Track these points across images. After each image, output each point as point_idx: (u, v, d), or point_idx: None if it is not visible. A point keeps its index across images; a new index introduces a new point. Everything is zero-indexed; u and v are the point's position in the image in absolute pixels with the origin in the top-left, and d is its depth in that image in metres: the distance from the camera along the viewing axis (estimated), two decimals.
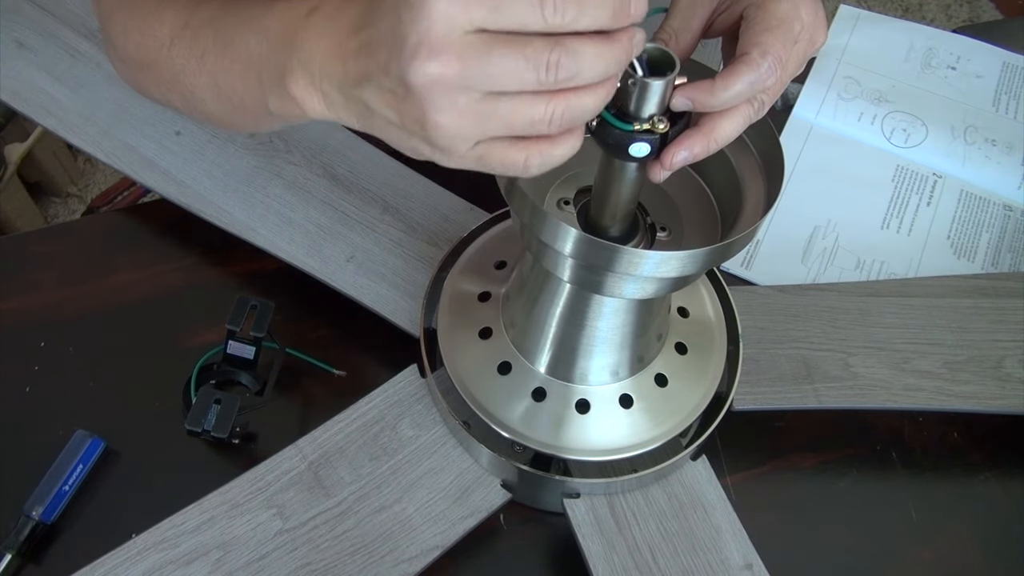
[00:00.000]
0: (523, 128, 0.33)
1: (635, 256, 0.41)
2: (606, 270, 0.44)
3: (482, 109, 0.32)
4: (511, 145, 0.34)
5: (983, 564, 0.60)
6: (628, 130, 0.38)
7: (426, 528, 0.54)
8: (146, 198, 1.38)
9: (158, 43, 0.48)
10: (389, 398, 0.58)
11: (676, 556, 0.54)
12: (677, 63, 0.38)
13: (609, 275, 0.45)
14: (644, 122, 0.38)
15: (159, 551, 0.52)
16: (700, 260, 0.42)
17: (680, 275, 0.44)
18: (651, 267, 0.42)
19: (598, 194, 0.46)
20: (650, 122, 0.38)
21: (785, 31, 0.39)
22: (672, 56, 0.38)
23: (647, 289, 0.46)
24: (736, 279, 0.72)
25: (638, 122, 0.38)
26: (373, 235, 0.65)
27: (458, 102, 0.32)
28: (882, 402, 0.60)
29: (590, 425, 0.54)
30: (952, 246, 0.76)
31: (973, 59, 0.89)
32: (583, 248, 0.42)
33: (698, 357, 0.58)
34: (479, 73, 0.31)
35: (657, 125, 0.38)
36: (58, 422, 0.59)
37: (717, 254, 0.42)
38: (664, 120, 0.38)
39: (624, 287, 0.46)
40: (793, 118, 0.83)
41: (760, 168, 0.47)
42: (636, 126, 0.38)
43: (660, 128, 0.38)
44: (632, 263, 0.42)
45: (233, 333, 0.60)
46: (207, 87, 0.46)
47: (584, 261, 0.44)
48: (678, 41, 0.43)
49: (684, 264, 0.42)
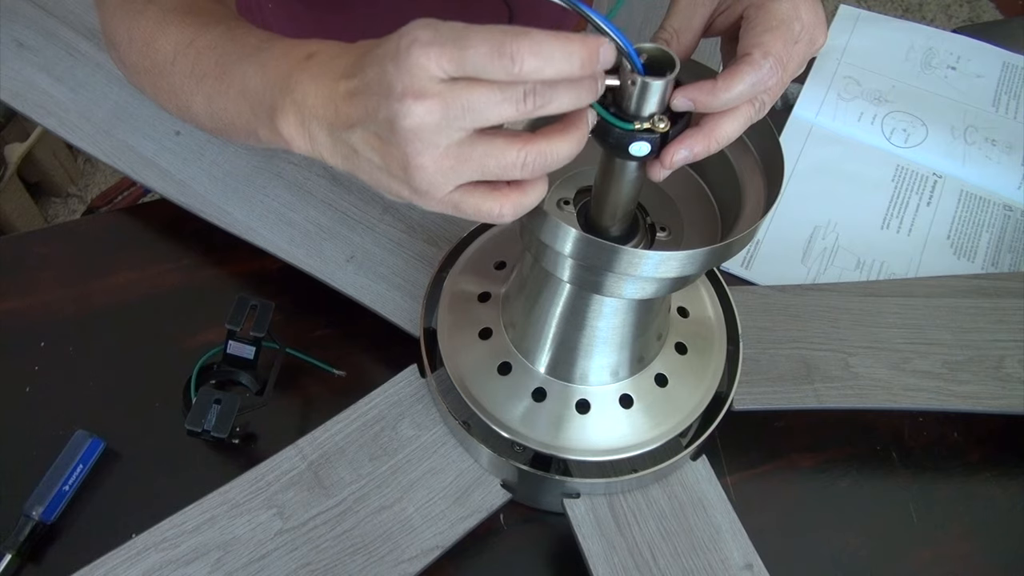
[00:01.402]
0: (497, 171, 0.35)
1: (635, 256, 0.41)
2: (606, 270, 0.44)
3: (461, 152, 0.35)
4: (486, 194, 0.37)
5: (983, 564, 0.60)
6: (628, 129, 0.38)
7: (426, 528, 0.54)
8: (146, 198, 1.38)
9: (162, 56, 0.49)
10: (389, 398, 0.58)
11: (676, 556, 0.54)
12: (677, 63, 0.38)
13: (609, 275, 0.45)
14: (644, 121, 0.38)
15: (159, 551, 0.52)
16: (700, 260, 0.42)
17: (680, 275, 0.44)
18: (651, 267, 0.42)
19: (598, 194, 0.46)
20: (650, 121, 0.38)
21: (786, 31, 0.40)
22: (672, 56, 0.38)
23: (647, 289, 0.46)
24: (736, 279, 0.72)
25: (638, 121, 0.38)
26: (373, 235, 0.65)
27: (439, 144, 0.34)
28: (882, 402, 0.60)
29: (590, 425, 0.54)
30: (952, 246, 0.76)
31: (973, 59, 0.89)
32: (583, 248, 0.42)
33: (698, 357, 0.58)
34: (459, 109, 0.33)
35: (657, 124, 0.38)
36: (58, 422, 0.59)
37: (717, 254, 0.42)
38: (664, 119, 0.39)
39: (624, 287, 0.46)
40: (793, 118, 0.83)
41: (760, 168, 0.48)
42: (636, 125, 0.38)
43: (660, 127, 0.38)
44: (632, 263, 0.42)
45: (233, 333, 0.60)
46: (202, 106, 0.48)
47: (584, 261, 0.44)
48: (679, 41, 0.43)
49: (684, 264, 0.42)
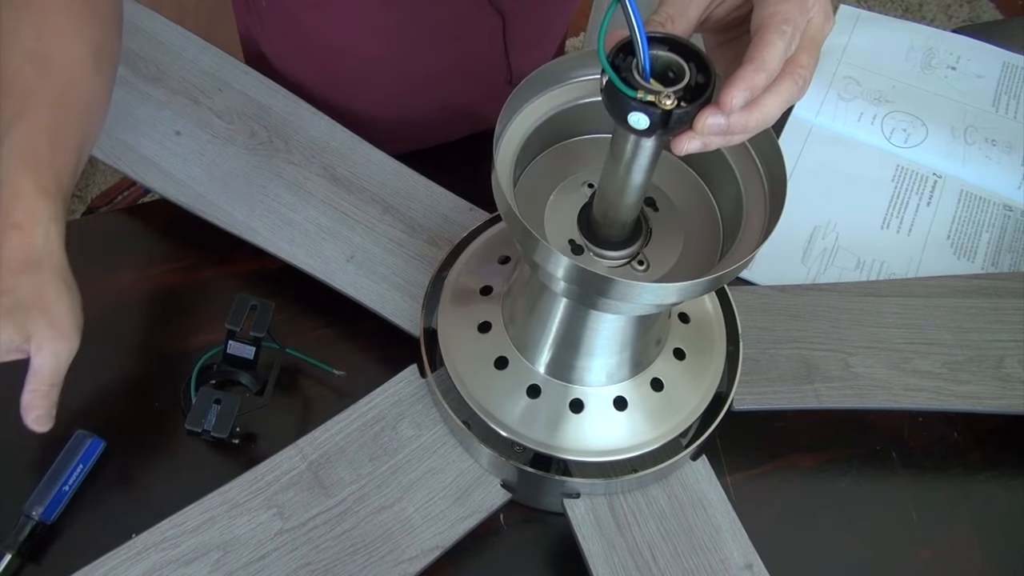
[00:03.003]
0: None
1: (629, 287, 0.41)
2: (599, 296, 0.44)
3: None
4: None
5: (983, 564, 0.60)
6: (632, 96, 0.36)
7: (426, 528, 0.54)
8: (146, 198, 1.38)
9: None
10: (389, 398, 0.58)
11: (676, 556, 0.54)
12: (687, 72, 0.37)
13: (601, 300, 0.45)
14: (650, 93, 0.36)
15: (159, 551, 0.52)
16: (694, 291, 0.42)
17: (677, 302, 0.43)
18: (648, 296, 0.42)
19: (602, 193, 0.46)
20: (655, 97, 0.36)
21: (799, 2, 0.38)
22: (682, 64, 0.37)
23: (643, 309, 0.46)
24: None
25: (643, 91, 0.36)
26: (373, 235, 0.65)
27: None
28: (882, 402, 0.60)
29: (585, 425, 0.54)
30: (952, 246, 0.76)
31: (973, 59, 0.89)
32: (576, 275, 0.42)
33: (696, 363, 0.57)
34: None
35: (663, 101, 0.36)
36: (58, 422, 0.59)
37: (712, 284, 0.42)
38: (672, 97, 0.36)
39: (620, 308, 0.46)
40: (793, 118, 0.83)
41: (765, 193, 0.47)
42: (640, 94, 0.36)
43: (666, 104, 0.36)
44: (627, 293, 0.41)
45: (233, 333, 0.60)
46: None
47: (578, 287, 0.44)
48: (673, 27, 0.41)
49: (681, 293, 0.42)
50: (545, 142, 0.50)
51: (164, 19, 0.72)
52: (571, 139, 0.51)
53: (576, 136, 0.51)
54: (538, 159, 0.51)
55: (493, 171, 0.44)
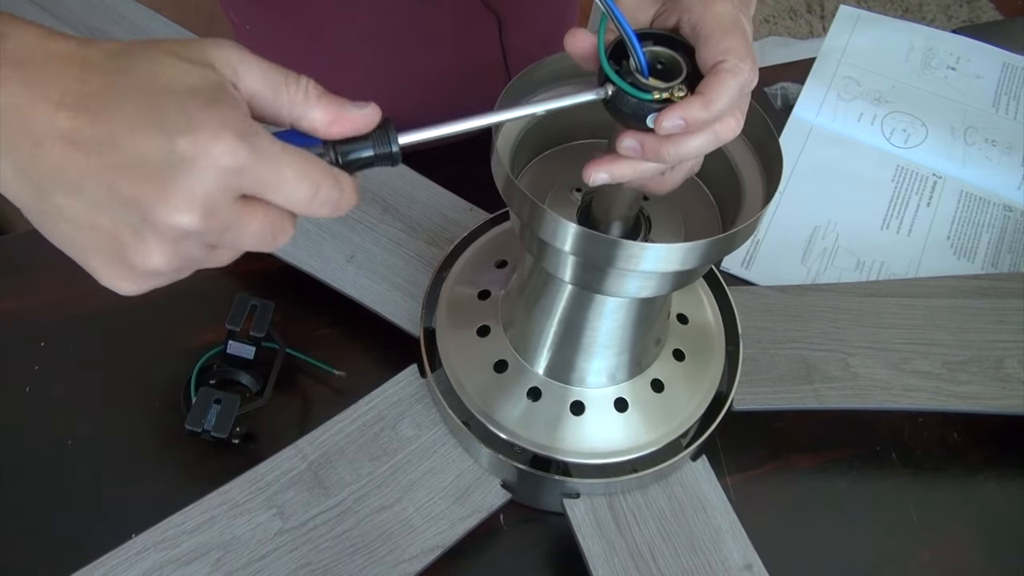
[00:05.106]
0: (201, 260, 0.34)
1: (636, 249, 0.41)
2: (607, 266, 0.44)
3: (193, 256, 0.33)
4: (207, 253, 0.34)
5: (983, 564, 0.60)
6: (647, 100, 0.37)
7: (426, 528, 0.54)
8: None
9: None
10: (389, 398, 0.58)
11: (676, 556, 0.54)
12: (684, 68, 0.37)
13: (610, 272, 0.45)
14: (664, 92, 0.37)
15: (159, 551, 0.52)
16: (701, 253, 0.42)
17: (682, 269, 0.43)
18: (653, 261, 0.42)
19: (604, 193, 0.46)
20: (669, 92, 0.37)
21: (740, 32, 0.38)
22: (676, 57, 0.38)
23: (648, 286, 0.46)
24: (736, 279, 0.72)
25: (657, 91, 0.37)
26: (373, 235, 0.65)
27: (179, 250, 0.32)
28: (882, 402, 0.60)
29: (586, 427, 0.54)
30: (952, 246, 0.76)
31: (973, 59, 0.89)
32: (583, 244, 0.42)
33: (696, 364, 0.57)
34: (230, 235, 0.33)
35: (676, 94, 0.37)
36: (58, 422, 0.59)
37: (719, 246, 0.42)
38: (683, 88, 0.37)
39: (625, 284, 0.46)
40: (793, 118, 0.83)
41: (759, 165, 0.47)
42: (656, 95, 0.37)
43: (679, 96, 0.37)
44: (634, 257, 0.41)
45: (233, 333, 0.60)
46: None
47: (585, 258, 0.44)
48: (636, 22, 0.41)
49: (686, 257, 0.42)
50: (532, 152, 0.51)
51: (164, 19, 0.72)
52: (552, 148, 0.52)
53: (558, 145, 0.52)
54: (525, 171, 0.51)
55: (493, 152, 0.44)
